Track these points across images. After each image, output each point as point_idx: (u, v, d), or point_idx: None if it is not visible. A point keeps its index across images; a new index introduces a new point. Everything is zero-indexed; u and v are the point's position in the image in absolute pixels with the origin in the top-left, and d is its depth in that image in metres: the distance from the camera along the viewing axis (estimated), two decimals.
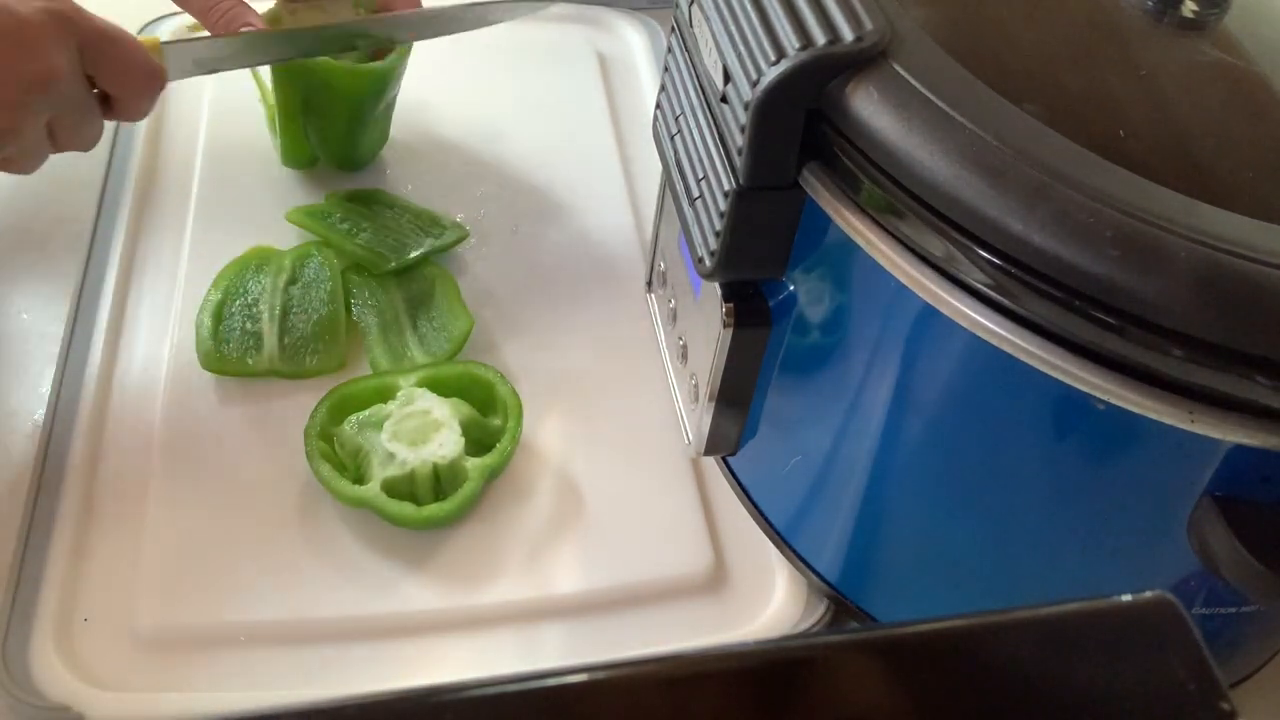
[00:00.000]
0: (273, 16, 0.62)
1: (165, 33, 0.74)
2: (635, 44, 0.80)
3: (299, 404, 0.55)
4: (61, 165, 0.59)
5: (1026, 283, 0.35)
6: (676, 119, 0.48)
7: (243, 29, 0.59)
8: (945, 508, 0.45)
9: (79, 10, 0.49)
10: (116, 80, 0.52)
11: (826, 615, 0.52)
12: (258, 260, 0.61)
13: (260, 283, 0.60)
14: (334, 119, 0.64)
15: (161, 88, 0.54)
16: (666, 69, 0.50)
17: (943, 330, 0.38)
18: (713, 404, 0.49)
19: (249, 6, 0.61)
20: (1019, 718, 0.25)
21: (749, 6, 0.40)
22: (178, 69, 0.56)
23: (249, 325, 0.58)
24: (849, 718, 0.25)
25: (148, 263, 0.62)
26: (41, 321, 0.59)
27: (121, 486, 0.53)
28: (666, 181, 0.51)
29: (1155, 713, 0.24)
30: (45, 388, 0.56)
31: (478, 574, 0.52)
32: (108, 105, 0.53)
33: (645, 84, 0.77)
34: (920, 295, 0.38)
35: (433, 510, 0.52)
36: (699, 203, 0.45)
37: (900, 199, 0.37)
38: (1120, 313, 0.34)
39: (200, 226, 0.64)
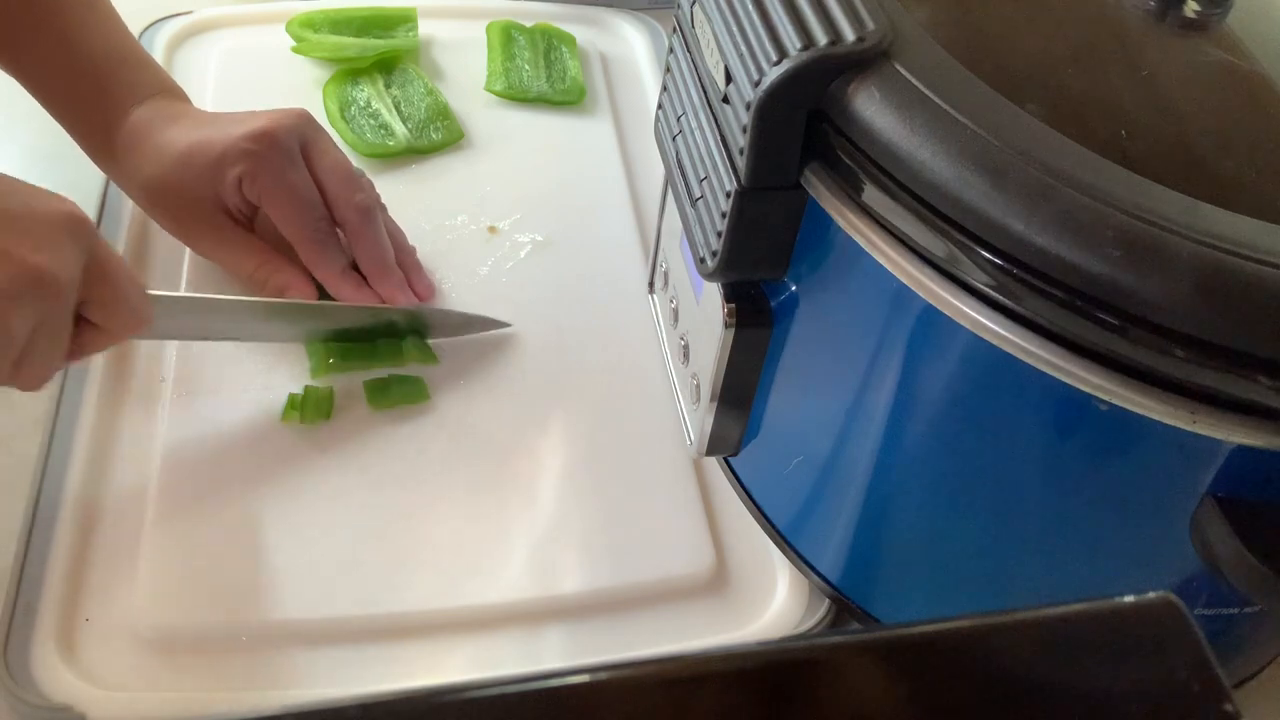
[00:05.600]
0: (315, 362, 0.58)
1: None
2: (636, 44, 0.80)
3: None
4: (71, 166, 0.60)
5: (1028, 283, 0.35)
6: (678, 119, 0.48)
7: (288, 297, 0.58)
8: (947, 508, 0.45)
9: (94, 227, 0.45)
10: (106, 308, 0.47)
11: (828, 616, 0.52)
12: (349, 76, 0.72)
13: (362, 90, 0.71)
14: None
15: (139, 333, 0.50)
16: (668, 69, 0.50)
17: (944, 331, 0.38)
18: (714, 404, 0.49)
19: (300, 274, 0.58)
20: (1021, 719, 0.25)
21: (750, 6, 0.40)
22: (160, 325, 0.51)
23: (374, 121, 0.70)
24: (851, 718, 0.25)
25: (155, 265, 0.62)
26: None
27: (123, 486, 0.53)
28: (668, 182, 0.51)
29: (1158, 714, 0.24)
30: (49, 385, 0.56)
31: (479, 574, 0.52)
32: (75, 338, 0.47)
33: (647, 84, 0.77)
34: (922, 295, 0.38)
35: None
36: (701, 203, 0.45)
37: (902, 199, 0.37)
38: (1122, 313, 0.34)
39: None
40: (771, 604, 0.52)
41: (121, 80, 0.59)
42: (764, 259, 0.44)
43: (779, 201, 0.42)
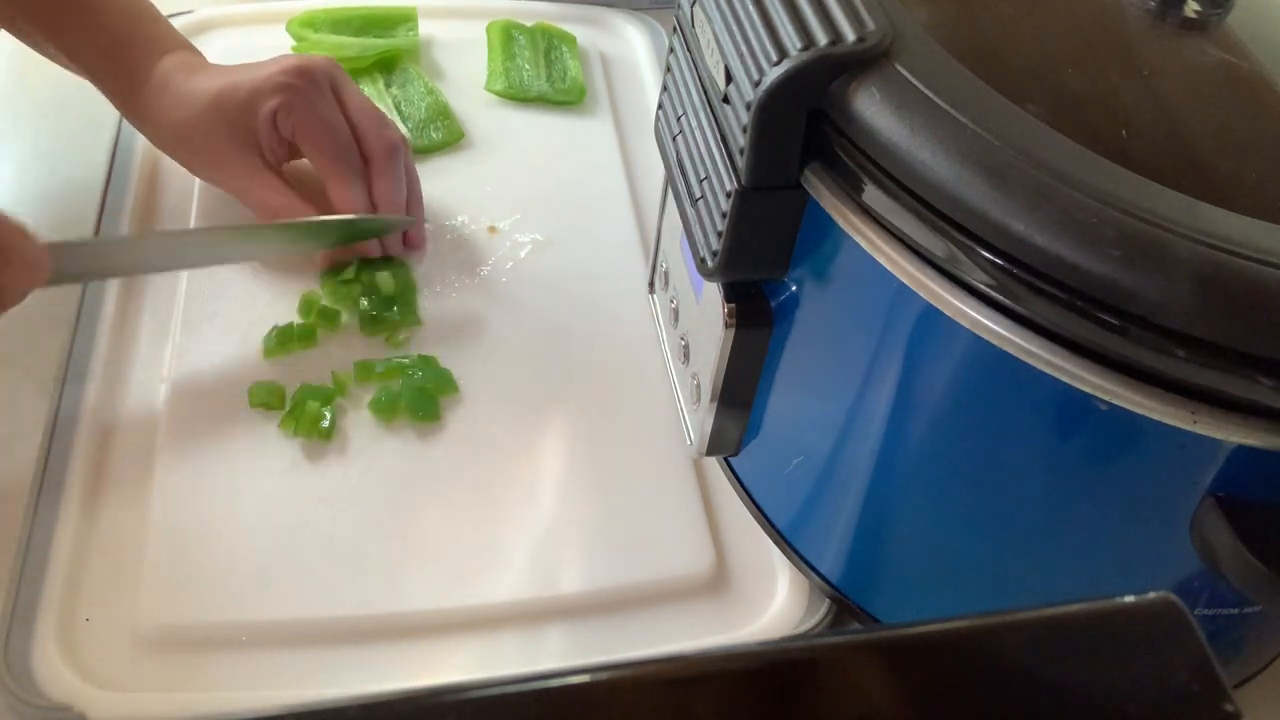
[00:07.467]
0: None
1: None
2: (637, 44, 0.80)
3: None
4: (68, 141, 0.60)
5: (1028, 283, 0.35)
6: (678, 119, 0.48)
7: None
8: (947, 508, 0.45)
9: None
10: None
11: (828, 616, 0.52)
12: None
13: (362, 90, 0.67)
14: None
15: (39, 284, 0.49)
16: (668, 69, 0.50)
17: (945, 331, 0.38)
18: (714, 404, 0.49)
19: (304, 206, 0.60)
20: (1021, 719, 0.25)
21: (751, 6, 0.40)
22: (70, 270, 0.52)
23: None
24: (851, 719, 0.25)
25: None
26: (44, 321, 0.59)
27: (124, 486, 0.53)
28: (668, 182, 0.51)
29: (1158, 714, 0.24)
30: (49, 384, 0.56)
31: (479, 574, 0.52)
32: None
33: (647, 84, 0.77)
34: (922, 295, 0.38)
35: None
36: (701, 203, 0.45)
37: (902, 199, 0.37)
38: (1123, 313, 0.34)
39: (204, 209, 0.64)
40: (771, 604, 0.52)
41: (143, 35, 0.62)
42: (764, 259, 0.44)
43: (779, 201, 0.42)
